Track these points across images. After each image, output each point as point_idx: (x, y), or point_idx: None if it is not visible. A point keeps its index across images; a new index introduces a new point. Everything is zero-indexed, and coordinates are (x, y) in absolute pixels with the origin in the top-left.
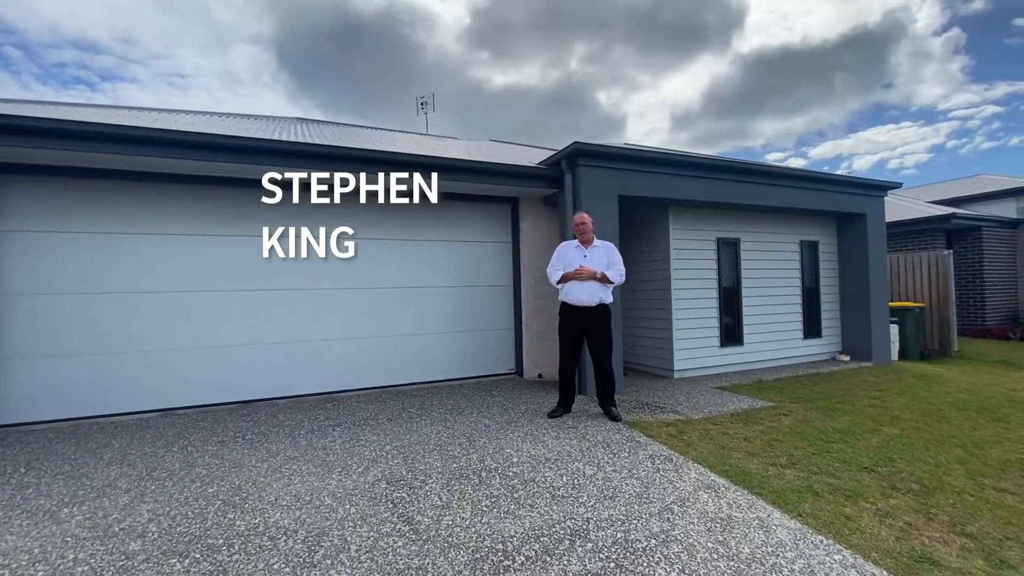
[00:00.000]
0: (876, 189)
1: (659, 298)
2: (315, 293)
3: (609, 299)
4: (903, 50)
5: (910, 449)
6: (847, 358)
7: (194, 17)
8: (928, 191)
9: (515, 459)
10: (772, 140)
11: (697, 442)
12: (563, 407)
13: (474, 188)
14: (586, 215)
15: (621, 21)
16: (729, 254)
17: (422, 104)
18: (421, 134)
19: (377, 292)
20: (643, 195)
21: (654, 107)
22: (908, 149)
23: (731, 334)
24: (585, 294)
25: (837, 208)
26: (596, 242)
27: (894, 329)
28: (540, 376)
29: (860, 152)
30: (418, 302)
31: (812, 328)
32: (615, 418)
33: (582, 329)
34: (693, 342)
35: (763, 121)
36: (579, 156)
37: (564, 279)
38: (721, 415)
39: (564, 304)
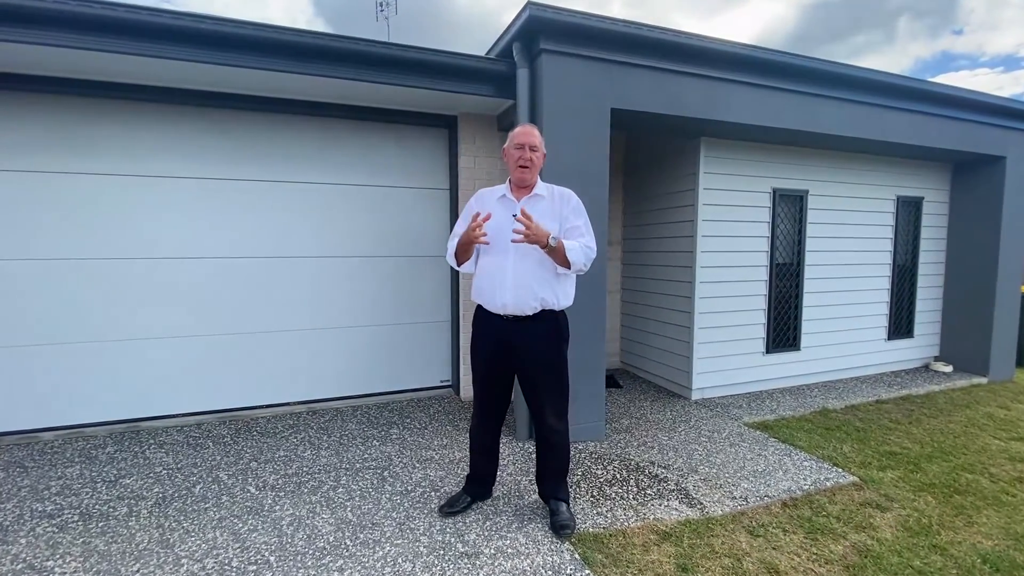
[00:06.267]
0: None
1: (676, 278)
2: (128, 264)
3: (563, 301)
4: None
5: None
6: (948, 368)
7: None
8: None
9: None
10: None
11: None
12: (471, 492)
13: (385, 97)
14: (535, 130)
15: None
16: (790, 214)
17: (381, 6)
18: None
19: (236, 264)
20: (655, 111)
21: None
22: None
23: (783, 334)
24: (511, 292)
25: (960, 147)
26: (540, 187)
27: None
28: None
29: None
30: (300, 280)
31: (901, 325)
32: (561, 527)
33: (508, 357)
34: (724, 346)
35: None
36: (541, 34)
37: (462, 248)
38: (763, 505)
39: (478, 309)
